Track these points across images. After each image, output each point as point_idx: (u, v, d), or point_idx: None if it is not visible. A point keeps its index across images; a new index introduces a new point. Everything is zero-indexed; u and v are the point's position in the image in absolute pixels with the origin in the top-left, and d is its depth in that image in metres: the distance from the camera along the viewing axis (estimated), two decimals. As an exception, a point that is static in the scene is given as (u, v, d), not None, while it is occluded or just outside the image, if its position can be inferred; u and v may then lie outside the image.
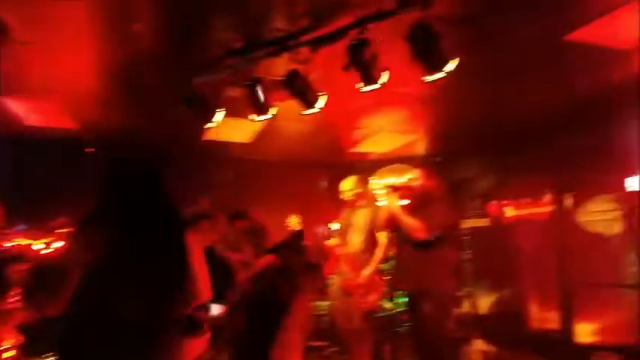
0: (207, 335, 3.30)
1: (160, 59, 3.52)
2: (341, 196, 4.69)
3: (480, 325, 5.83)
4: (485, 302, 6.34)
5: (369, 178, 6.40)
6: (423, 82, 2.97)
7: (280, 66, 3.28)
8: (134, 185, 1.93)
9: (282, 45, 3.20)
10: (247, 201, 4.89)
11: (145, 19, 3.06)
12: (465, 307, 5.98)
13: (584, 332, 5.21)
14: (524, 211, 6.11)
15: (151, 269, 1.82)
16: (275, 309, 3.51)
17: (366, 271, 4.37)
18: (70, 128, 5.30)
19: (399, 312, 5.64)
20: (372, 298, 4.40)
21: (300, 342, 3.66)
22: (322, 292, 5.85)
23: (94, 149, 5.08)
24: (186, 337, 2.67)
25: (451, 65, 2.87)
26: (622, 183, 4.84)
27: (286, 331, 3.47)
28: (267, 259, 3.70)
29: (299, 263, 3.67)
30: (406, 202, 3.92)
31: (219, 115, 3.79)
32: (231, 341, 3.72)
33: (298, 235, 2.88)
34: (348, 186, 4.62)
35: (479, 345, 5.43)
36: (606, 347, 4.84)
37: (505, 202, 6.32)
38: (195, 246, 2.09)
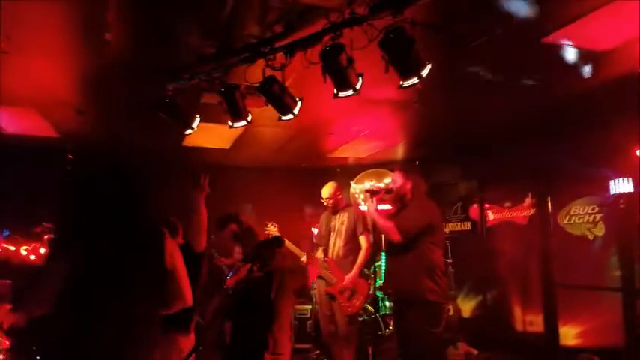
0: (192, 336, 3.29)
1: (133, 66, 3.46)
2: (321, 201, 4.68)
3: (464, 328, 5.82)
4: (468, 305, 6.33)
5: (350, 182, 6.39)
6: (399, 87, 2.93)
7: (257, 72, 3.23)
8: (110, 191, 2.00)
9: (256, 51, 3.16)
10: (226, 207, 4.84)
11: (118, 27, 3.02)
12: (450, 310, 5.97)
13: (568, 335, 5.20)
14: (505, 215, 6.09)
15: (129, 271, 1.95)
16: (262, 311, 3.57)
17: (349, 275, 4.39)
18: (48, 137, 5.27)
19: (383, 315, 5.64)
20: (355, 301, 4.42)
21: (288, 342, 3.74)
22: (305, 295, 5.85)
23: (73, 156, 5.04)
24: (171, 335, 2.70)
25: (426, 70, 2.84)
26: (603, 186, 4.80)
27: (274, 332, 3.55)
28: (248, 265, 3.73)
29: (280, 267, 3.70)
30: (386, 206, 3.90)
31: (196, 122, 3.75)
32: (219, 344, 3.79)
33: (275, 241, 2.87)
34: (328, 191, 4.61)
35: (463, 348, 5.42)
36: (590, 350, 4.84)
37: (486, 205, 6.31)
38: (174, 249, 2.18)
